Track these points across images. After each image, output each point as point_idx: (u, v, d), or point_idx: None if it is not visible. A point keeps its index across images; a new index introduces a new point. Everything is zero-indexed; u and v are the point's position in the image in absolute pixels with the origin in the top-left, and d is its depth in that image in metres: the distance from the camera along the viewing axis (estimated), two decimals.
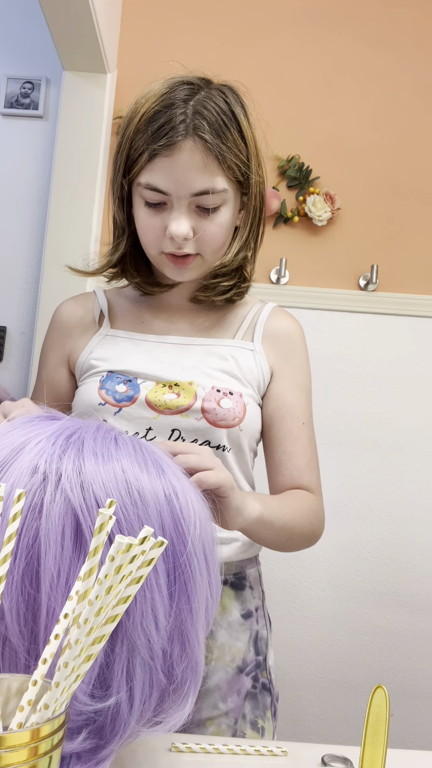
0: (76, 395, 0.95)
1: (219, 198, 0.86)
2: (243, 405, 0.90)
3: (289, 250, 1.85)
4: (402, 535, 1.79)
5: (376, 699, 0.59)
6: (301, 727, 1.77)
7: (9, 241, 1.92)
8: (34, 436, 0.54)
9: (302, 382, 0.97)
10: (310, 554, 1.79)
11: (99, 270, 0.98)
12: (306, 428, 0.95)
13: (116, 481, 0.51)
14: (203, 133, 0.83)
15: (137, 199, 0.88)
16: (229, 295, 0.96)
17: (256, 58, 1.90)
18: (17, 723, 0.39)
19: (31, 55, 1.95)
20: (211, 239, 0.88)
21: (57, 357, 1.00)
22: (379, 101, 1.89)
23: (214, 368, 0.92)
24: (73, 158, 1.83)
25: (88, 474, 0.51)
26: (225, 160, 0.85)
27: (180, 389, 0.90)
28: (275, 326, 0.98)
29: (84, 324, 1.00)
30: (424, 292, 1.84)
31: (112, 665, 0.49)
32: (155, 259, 0.92)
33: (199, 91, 0.86)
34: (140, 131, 0.84)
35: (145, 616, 0.50)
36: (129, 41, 1.92)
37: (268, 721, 0.93)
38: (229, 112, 0.86)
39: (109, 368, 0.92)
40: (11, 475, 0.50)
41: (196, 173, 0.84)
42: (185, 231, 0.85)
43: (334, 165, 1.87)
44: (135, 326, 0.99)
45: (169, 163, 0.83)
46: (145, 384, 0.90)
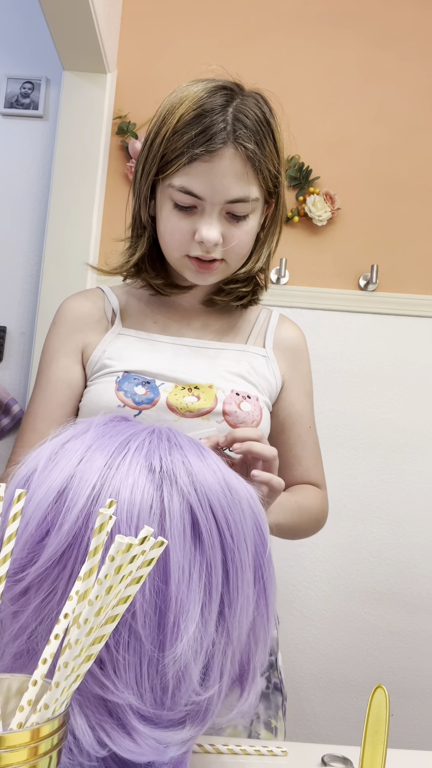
0: (88, 395, 0.92)
1: (251, 206, 0.87)
2: (260, 409, 0.92)
3: (289, 250, 1.85)
4: (402, 535, 1.79)
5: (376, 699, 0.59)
6: (301, 727, 1.77)
7: (9, 241, 1.92)
8: (132, 435, 0.55)
9: (309, 389, 1.03)
10: (310, 554, 1.79)
11: (119, 269, 0.96)
12: (312, 431, 1.02)
13: (217, 479, 0.53)
14: (245, 141, 0.83)
15: (165, 200, 0.87)
16: (245, 300, 0.98)
17: (256, 58, 1.90)
18: (17, 723, 0.39)
19: (31, 55, 1.95)
20: (238, 246, 0.88)
21: (71, 354, 0.96)
22: (379, 101, 1.89)
23: (231, 372, 0.93)
24: (73, 158, 1.83)
25: (196, 473, 0.53)
26: (261, 170, 0.85)
27: (200, 392, 0.90)
28: (284, 336, 1.02)
29: (96, 320, 0.97)
30: (424, 292, 1.84)
31: (214, 655, 0.51)
32: (177, 262, 0.90)
33: (235, 97, 0.85)
34: (178, 132, 0.83)
35: (242, 610, 0.52)
36: (129, 41, 1.92)
37: (279, 721, 0.94)
38: (265, 121, 0.86)
39: (125, 368, 0.91)
40: (127, 472, 0.51)
41: (234, 181, 0.83)
42: (216, 237, 0.85)
43: (334, 165, 1.87)
44: (148, 326, 0.97)
45: (208, 169, 0.82)
46: (164, 386, 0.89)
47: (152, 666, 0.49)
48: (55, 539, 0.49)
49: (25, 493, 0.46)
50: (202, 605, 0.50)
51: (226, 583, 0.51)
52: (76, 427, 0.57)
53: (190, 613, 0.49)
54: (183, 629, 0.48)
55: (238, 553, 0.52)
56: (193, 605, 0.49)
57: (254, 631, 0.55)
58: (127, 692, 0.48)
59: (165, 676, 0.49)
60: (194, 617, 0.49)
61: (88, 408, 0.91)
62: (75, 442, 0.54)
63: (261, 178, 0.86)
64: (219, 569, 0.51)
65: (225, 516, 0.52)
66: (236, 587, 0.52)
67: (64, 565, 0.49)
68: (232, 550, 0.52)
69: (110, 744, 0.48)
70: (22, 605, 0.49)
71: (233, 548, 0.52)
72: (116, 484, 0.50)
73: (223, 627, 0.51)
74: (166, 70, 1.90)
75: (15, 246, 1.91)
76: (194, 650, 0.49)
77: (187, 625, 0.49)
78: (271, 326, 1.01)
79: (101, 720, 0.48)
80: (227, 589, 0.51)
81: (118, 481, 0.50)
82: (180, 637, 0.48)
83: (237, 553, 0.52)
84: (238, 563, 0.52)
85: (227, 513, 0.52)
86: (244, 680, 0.56)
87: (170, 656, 0.48)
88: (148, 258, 0.94)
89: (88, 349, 0.96)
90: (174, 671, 0.49)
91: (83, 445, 0.53)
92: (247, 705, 0.56)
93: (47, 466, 0.53)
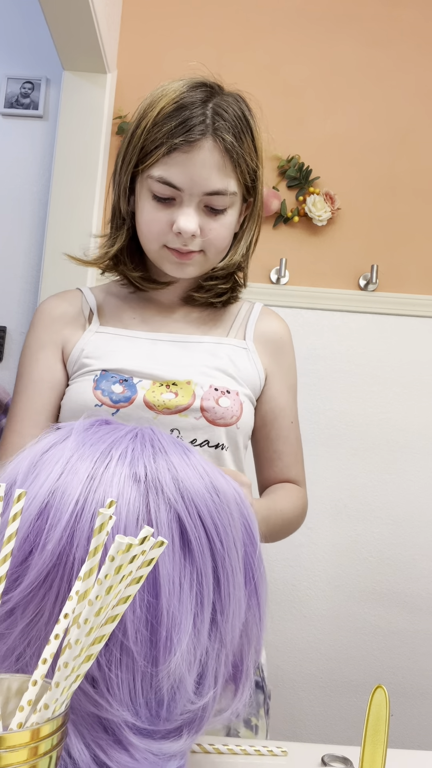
0: (68, 394, 0.92)
1: (229, 200, 0.87)
2: (240, 404, 0.91)
3: (289, 250, 1.85)
4: (402, 535, 1.79)
5: (376, 699, 0.59)
6: (301, 727, 1.77)
7: (9, 241, 1.92)
8: (113, 442, 0.52)
9: (292, 383, 1.01)
10: (310, 554, 1.79)
11: (97, 260, 0.96)
12: (294, 426, 1.00)
13: (204, 483, 0.52)
14: (223, 134, 0.84)
15: (144, 191, 0.88)
16: (225, 297, 0.98)
17: (256, 58, 1.90)
18: (17, 723, 0.39)
19: (31, 55, 1.95)
20: (216, 239, 0.89)
21: (51, 353, 0.95)
22: (379, 101, 1.89)
23: (210, 366, 0.92)
24: (73, 158, 1.83)
25: (183, 479, 0.51)
26: (239, 164, 0.86)
27: (178, 388, 0.89)
28: (266, 327, 1.00)
29: (73, 319, 0.97)
30: (424, 292, 1.84)
31: (208, 662, 0.50)
32: (155, 254, 0.91)
33: (215, 94, 0.87)
34: (158, 124, 0.84)
35: (234, 614, 0.51)
36: (129, 41, 1.92)
37: (261, 719, 0.93)
38: (244, 119, 0.88)
39: (103, 367, 0.90)
40: (111, 484, 0.49)
41: (213, 173, 0.84)
42: (194, 228, 0.86)
43: (334, 165, 1.87)
44: (126, 323, 0.97)
45: (186, 160, 0.84)
46: (141, 383, 0.89)
47: (146, 681, 0.47)
48: (39, 560, 0.47)
49: (25, 493, 0.45)
50: (194, 616, 0.48)
51: (218, 590, 0.50)
52: (56, 433, 0.54)
53: (182, 626, 0.48)
54: (176, 643, 0.47)
55: (228, 558, 0.51)
56: (185, 617, 0.48)
57: (247, 631, 0.54)
58: (122, 709, 0.47)
59: (160, 690, 0.48)
60: (187, 629, 0.48)
61: (68, 407, 0.91)
62: (55, 452, 0.52)
63: (239, 172, 0.87)
64: (210, 577, 0.50)
65: (213, 521, 0.50)
66: (228, 593, 0.51)
67: (49, 586, 0.47)
68: (222, 556, 0.50)
69: (107, 761, 0.47)
70: (8, 627, 0.47)
71: (223, 554, 0.50)
72: (100, 497, 0.48)
73: (215, 633, 0.50)
74: (166, 71, 1.89)
75: (15, 246, 1.91)
76: (188, 662, 0.48)
77: (180, 638, 0.47)
78: (253, 318, 1.01)
79: (96, 737, 0.47)
80: (219, 595, 0.50)
81: (101, 494, 0.48)
82: (173, 650, 0.47)
83: (227, 558, 0.51)
84: (228, 568, 0.51)
85: (215, 518, 0.51)
86: (237, 679, 0.55)
87: (164, 671, 0.47)
88: (126, 250, 0.95)
89: (67, 347, 0.95)
90: (169, 685, 0.48)
91: (64, 456, 0.51)
92: (241, 704, 0.55)
93: (27, 478, 0.50)
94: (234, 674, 0.55)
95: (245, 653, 0.55)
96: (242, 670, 0.55)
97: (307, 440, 1.81)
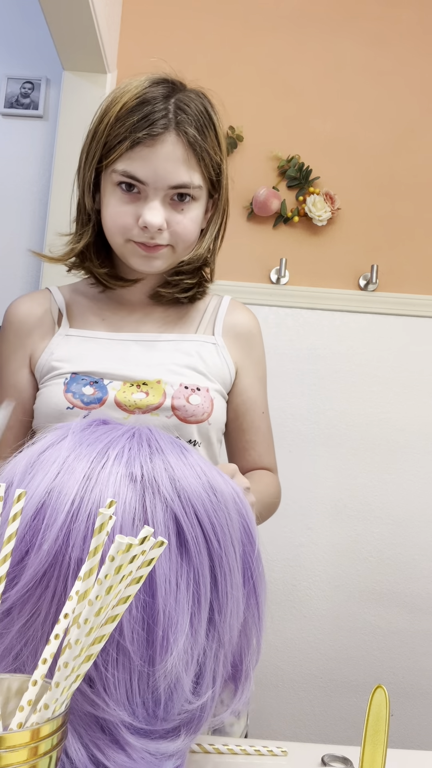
0: (39, 398, 0.93)
1: (194, 193, 0.88)
2: (210, 400, 0.92)
3: (289, 250, 1.85)
4: (402, 535, 1.79)
5: (376, 699, 0.59)
6: (301, 727, 1.77)
7: (9, 241, 1.92)
8: (110, 442, 0.52)
9: (262, 375, 1.03)
10: (310, 554, 1.79)
11: (63, 257, 0.96)
12: (265, 416, 1.03)
13: (201, 482, 0.51)
14: (186, 128, 0.85)
15: (109, 186, 0.88)
16: (192, 293, 0.98)
17: (256, 58, 1.90)
18: (17, 723, 0.39)
19: (31, 55, 1.95)
20: (183, 232, 0.89)
21: (18, 359, 0.96)
22: (379, 101, 1.89)
23: (180, 365, 0.93)
24: (73, 158, 1.81)
25: (180, 479, 0.51)
26: (203, 158, 0.87)
27: (148, 388, 0.90)
28: (234, 321, 1.01)
29: (43, 323, 0.98)
30: (424, 292, 1.84)
31: (206, 662, 0.50)
32: (121, 248, 0.91)
33: (177, 91, 0.88)
34: (120, 119, 0.85)
35: (233, 613, 0.51)
36: (129, 41, 1.92)
37: None
38: (207, 114, 0.89)
39: (73, 369, 0.91)
40: (107, 483, 0.49)
41: (177, 166, 0.85)
42: (159, 221, 0.86)
43: (334, 165, 1.87)
44: (95, 324, 0.97)
45: (150, 153, 0.84)
46: (112, 384, 0.90)
47: (143, 681, 0.47)
48: (35, 560, 0.47)
49: (24, 493, 0.45)
50: (191, 615, 0.48)
51: (215, 590, 0.50)
52: (53, 433, 0.55)
53: (179, 626, 0.48)
54: (173, 642, 0.47)
55: (225, 557, 0.51)
56: (182, 617, 0.48)
57: (246, 631, 0.54)
58: (119, 709, 0.47)
59: (156, 690, 0.48)
60: (183, 629, 0.48)
61: (40, 411, 0.92)
62: (52, 452, 0.52)
63: (203, 165, 0.88)
64: (207, 577, 0.50)
65: (210, 521, 0.50)
66: (225, 592, 0.51)
67: (46, 586, 0.47)
68: (220, 556, 0.50)
69: (104, 761, 0.47)
70: (5, 627, 0.47)
71: (220, 553, 0.50)
72: (96, 496, 0.48)
73: (213, 633, 0.50)
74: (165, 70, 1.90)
75: (15, 246, 1.91)
76: (185, 661, 0.48)
77: (176, 638, 0.47)
78: (221, 313, 1.01)
79: (94, 737, 0.47)
80: (216, 595, 0.50)
81: (98, 494, 0.48)
82: (170, 650, 0.47)
83: (225, 557, 0.51)
84: (226, 568, 0.51)
85: (213, 518, 0.50)
86: (237, 679, 0.55)
87: (161, 670, 0.47)
88: (93, 247, 0.95)
89: (35, 352, 0.96)
90: (166, 684, 0.48)
91: (60, 456, 0.51)
92: (240, 704, 0.55)
93: (24, 479, 0.50)
94: (233, 674, 0.55)
95: (244, 653, 0.55)
96: (242, 670, 0.55)
97: (307, 440, 1.81)
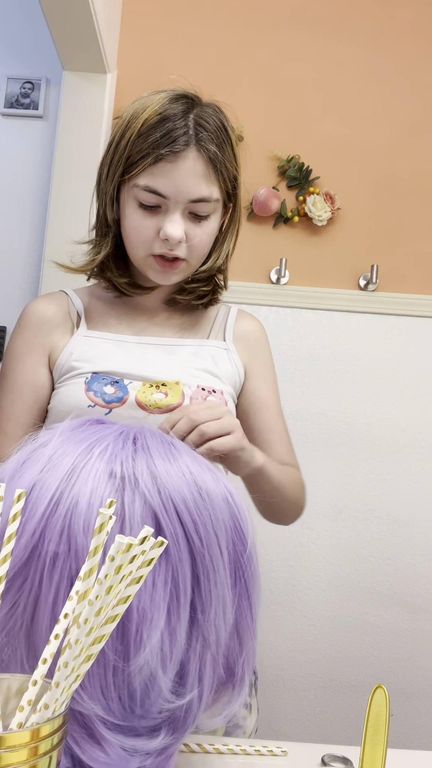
0: (57, 397, 0.94)
1: (212, 207, 0.91)
2: (225, 402, 0.96)
3: (289, 250, 1.85)
4: (402, 535, 1.79)
5: (376, 699, 0.59)
6: (301, 727, 1.77)
7: (9, 241, 1.92)
8: (97, 440, 0.53)
9: (271, 377, 1.07)
10: (310, 554, 1.79)
11: (84, 267, 0.99)
12: (280, 418, 1.05)
13: (186, 481, 0.52)
14: (206, 144, 0.88)
15: (130, 200, 0.91)
16: (206, 300, 1.02)
17: (256, 59, 1.90)
18: (17, 723, 0.39)
19: (31, 55, 1.95)
20: (199, 245, 0.93)
21: (37, 357, 0.98)
22: (379, 101, 1.89)
23: (196, 367, 0.97)
24: (73, 158, 1.83)
25: (162, 476, 0.51)
26: (222, 172, 0.90)
27: (167, 389, 0.93)
28: (243, 329, 1.06)
29: (62, 323, 1.00)
30: (424, 292, 1.84)
31: (189, 662, 0.50)
32: (141, 261, 0.94)
33: (195, 106, 0.91)
34: (143, 135, 0.88)
35: (218, 613, 0.51)
36: (129, 41, 1.92)
37: (253, 698, 0.97)
38: (223, 128, 0.92)
39: (93, 369, 0.93)
40: (87, 479, 0.50)
41: (197, 181, 0.88)
42: (180, 234, 0.89)
43: (334, 165, 1.87)
44: (114, 327, 1.00)
45: (172, 169, 0.87)
46: (132, 384, 0.93)
47: (117, 676, 0.48)
48: (15, 552, 0.48)
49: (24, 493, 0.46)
50: (168, 613, 0.49)
51: (198, 589, 0.50)
52: (47, 433, 0.56)
53: (153, 622, 0.48)
54: (146, 638, 0.47)
55: (209, 556, 0.51)
56: (157, 614, 0.48)
57: (237, 633, 0.54)
58: (93, 703, 0.47)
59: (131, 685, 0.48)
60: (158, 626, 0.48)
61: (58, 410, 0.94)
62: (43, 450, 0.53)
63: (221, 179, 0.91)
64: (187, 575, 0.50)
65: (192, 519, 0.50)
66: (209, 591, 0.51)
67: (24, 578, 0.48)
68: (202, 554, 0.50)
69: (80, 754, 0.47)
70: None
71: (203, 552, 0.50)
72: (75, 492, 0.49)
73: (197, 633, 0.50)
74: (166, 71, 1.90)
75: (15, 246, 1.91)
76: (161, 658, 0.48)
77: (150, 634, 0.48)
78: (230, 321, 1.06)
79: (71, 730, 0.48)
80: (199, 594, 0.50)
81: (77, 489, 0.49)
82: (143, 646, 0.47)
83: (208, 556, 0.51)
84: (209, 567, 0.51)
85: (195, 516, 0.50)
86: (231, 682, 0.55)
87: (134, 666, 0.47)
88: (112, 257, 0.98)
89: (54, 352, 0.98)
90: (140, 680, 0.48)
91: (47, 453, 0.52)
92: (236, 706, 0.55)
93: (14, 476, 0.52)
94: (226, 677, 0.54)
95: (237, 656, 0.54)
96: (236, 674, 0.55)
97: (307, 440, 1.81)
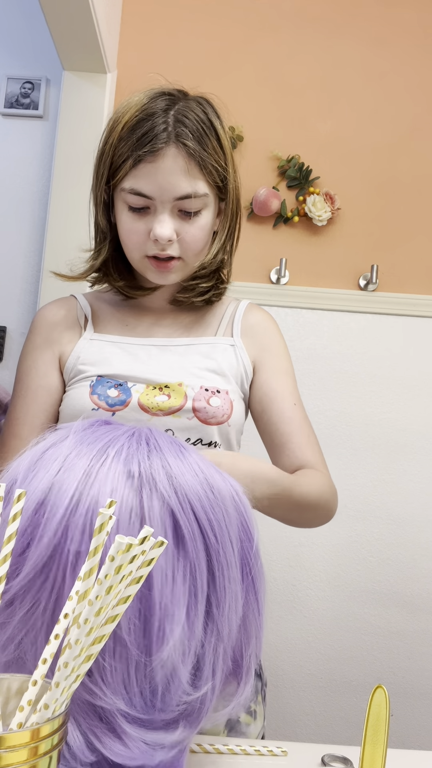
0: (65, 400, 0.95)
1: (200, 202, 0.90)
2: (230, 402, 0.94)
3: (289, 250, 1.85)
4: (402, 535, 1.79)
5: (376, 699, 0.59)
6: (301, 727, 1.77)
7: (9, 241, 1.92)
8: (110, 441, 0.54)
9: (285, 367, 1.01)
10: (310, 554, 1.79)
11: (83, 275, 1.00)
12: (298, 408, 0.98)
13: (198, 480, 0.53)
14: (185, 140, 0.87)
15: (120, 204, 0.92)
16: (208, 296, 1.00)
17: (256, 58, 1.90)
18: (17, 723, 0.39)
19: (31, 55, 1.95)
20: (192, 241, 0.92)
21: (49, 361, 0.99)
22: (379, 101, 1.89)
23: (200, 367, 0.96)
24: (73, 158, 1.83)
25: (177, 475, 0.52)
26: (206, 166, 0.89)
27: (170, 390, 0.93)
28: (251, 321, 1.03)
29: (71, 327, 1.01)
30: (424, 292, 1.84)
31: (204, 654, 0.51)
32: (138, 263, 0.94)
33: (177, 102, 0.90)
34: (123, 139, 0.88)
35: (231, 607, 0.52)
36: (129, 41, 1.92)
37: (259, 705, 0.96)
38: (207, 121, 0.90)
39: (98, 373, 0.94)
40: (106, 480, 0.51)
41: (180, 178, 0.88)
42: (169, 233, 0.89)
43: (334, 165, 1.87)
44: (119, 330, 1.01)
45: (153, 169, 0.87)
46: (135, 387, 0.93)
47: (140, 671, 0.49)
48: (35, 552, 0.49)
49: (24, 493, 0.46)
50: (188, 608, 0.50)
51: (213, 584, 0.52)
52: (55, 434, 0.57)
53: (175, 617, 0.49)
54: (169, 633, 0.49)
55: (222, 552, 0.52)
56: (178, 609, 0.49)
57: (245, 626, 0.55)
58: (115, 698, 0.48)
59: (153, 679, 0.49)
60: (180, 620, 0.49)
61: (66, 413, 0.95)
62: (54, 451, 0.54)
63: (206, 173, 0.90)
64: (204, 571, 0.51)
65: (207, 517, 0.52)
66: (223, 587, 0.52)
67: (45, 577, 0.49)
68: (217, 551, 0.52)
69: (101, 748, 0.48)
70: (8, 617, 0.49)
71: (217, 548, 0.52)
72: (95, 492, 0.50)
73: (212, 626, 0.52)
74: (166, 71, 1.90)
75: (15, 246, 1.91)
76: (181, 652, 0.49)
77: (172, 629, 0.49)
78: (239, 315, 1.04)
79: (92, 725, 0.48)
80: (214, 589, 0.52)
81: (96, 490, 0.50)
82: (166, 640, 0.48)
83: (222, 552, 0.52)
84: (223, 563, 0.52)
85: (209, 513, 0.52)
86: (238, 675, 0.56)
87: (157, 660, 0.48)
88: (112, 262, 0.98)
89: (64, 355, 0.99)
90: (162, 674, 0.49)
91: (62, 454, 0.53)
92: (243, 698, 0.56)
93: (27, 476, 0.52)
94: (234, 670, 0.55)
95: (245, 649, 0.56)
96: (242, 665, 0.56)
97: None
